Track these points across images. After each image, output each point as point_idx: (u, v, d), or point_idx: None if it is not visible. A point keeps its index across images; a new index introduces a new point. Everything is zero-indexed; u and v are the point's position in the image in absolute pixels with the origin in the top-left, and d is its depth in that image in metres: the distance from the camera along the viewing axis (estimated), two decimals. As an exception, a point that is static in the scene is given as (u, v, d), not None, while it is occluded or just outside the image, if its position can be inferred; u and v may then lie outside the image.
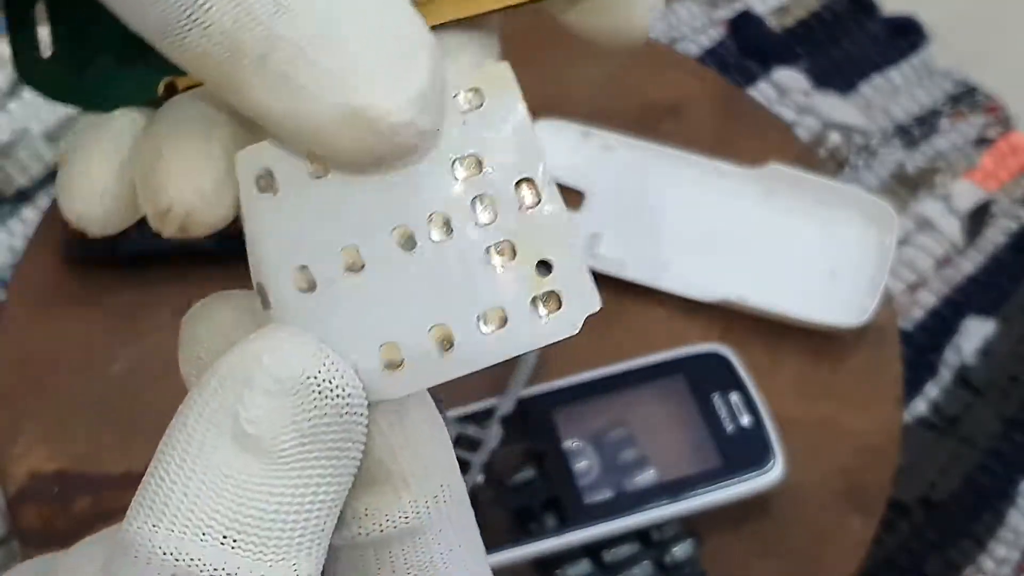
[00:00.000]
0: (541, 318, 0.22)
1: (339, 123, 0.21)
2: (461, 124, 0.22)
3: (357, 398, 0.22)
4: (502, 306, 0.22)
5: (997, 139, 0.73)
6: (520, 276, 0.22)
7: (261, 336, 0.22)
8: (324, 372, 0.22)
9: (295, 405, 0.22)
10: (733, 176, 0.66)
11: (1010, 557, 0.60)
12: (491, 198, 0.22)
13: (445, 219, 0.22)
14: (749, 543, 0.57)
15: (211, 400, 0.22)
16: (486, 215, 0.22)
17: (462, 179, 0.22)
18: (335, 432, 0.22)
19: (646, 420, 0.58)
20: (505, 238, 0.22)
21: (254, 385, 0.22)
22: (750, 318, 0.62)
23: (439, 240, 0.22)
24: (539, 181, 0.22)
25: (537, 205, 0.22)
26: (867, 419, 0.61)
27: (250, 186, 0.23)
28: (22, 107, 0.70)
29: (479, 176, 0.22)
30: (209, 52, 0.21)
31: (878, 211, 0.65)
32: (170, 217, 0.23)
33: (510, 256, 0.22)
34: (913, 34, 0.77)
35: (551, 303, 0.22)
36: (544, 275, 0.22)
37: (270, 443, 0.22)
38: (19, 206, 0.67)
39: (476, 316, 0.22)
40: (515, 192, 0.22)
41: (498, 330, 0.22)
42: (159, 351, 0.62)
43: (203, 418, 0.22)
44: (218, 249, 0.63)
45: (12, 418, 0.59)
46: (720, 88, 0.71)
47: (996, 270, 0.68)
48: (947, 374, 0.65)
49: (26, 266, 0.63)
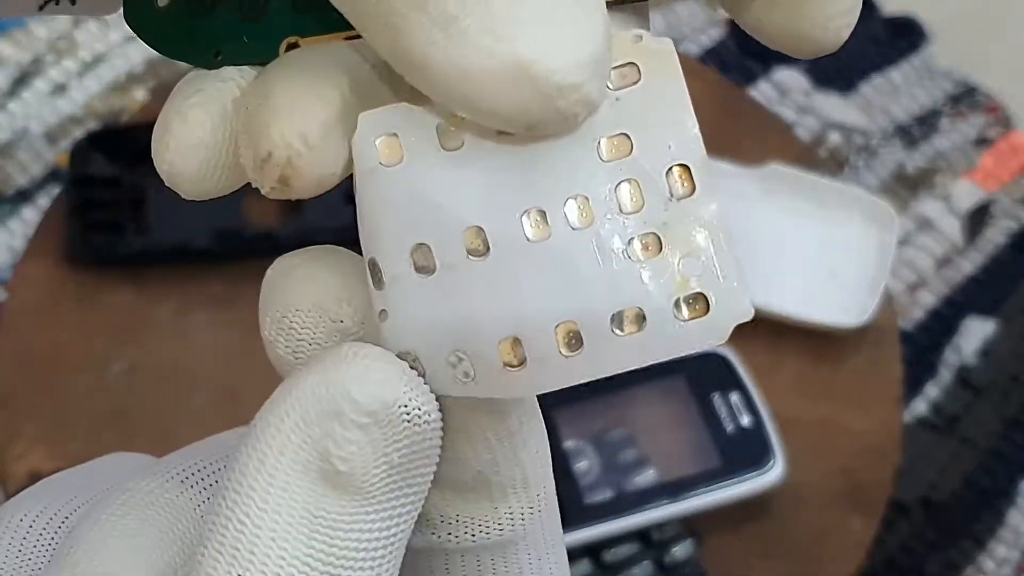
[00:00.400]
0: (684, 323, 0.20)
1: (500, 76, 0.19)
2: (614, 100, 0.20)
3: (438, 421, 0.21)
4: (640, 306, 0.20)
5: (997, 139, 0.73)
6: (664, 274, 0.20)
7: (342, 362, 0.20)
8: (412, 399, 0.20)
9: (386, 437, 0.20)
10: (733, 176, 0.66)
11: (1010, 557, 0.60)
12: (639, 184, 0.20)
13: (585, 204, 0.20)
14: (749, 543, 0.57)
15: (293, 436, 0.20)
16: (632, 203, 0.20)
17: (608, 161, 0.20)
18: (420, 459, 0.21)
19: (646, 420, 0.58)
20: (651, 230, 0.20)
21: (344, 419, 0.20)
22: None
23: (577, 227, 0.20)
24: (696, 170, 0.20)
25: (691, 196, 0.20)
26: (867, 419, 0.61)
27: (371, 151, 0.20)
28: (22, 107, 0.70)
29: (628, 159, 0.20)
30: None
31: (878, 211, 0.65)
32: (269, 166, 0.21)
33: (655, 251, 0.20)
34: (913, 34, 0.77)
35: (698, 307, 0.20)
36: (691, 274, 0.20)
37: (362, 479, 0.20)
38: (19, 206, 0.67)
39: (610, 315, 0.20)
40: (666, 180, 0.20)
41: (634, 333, 0.20)
42: (159, 351, 0.62)
43: (286, 456, 0.20)
44: (218, 249, 0.63)
45: (12, 418, 0.59)
46: (720, 88, 0.71)
47: (996, 270, 0.68)
48: (947, 374, 0.65)
49: (26, 266, 0.63)
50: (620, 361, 0.20)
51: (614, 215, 0.20)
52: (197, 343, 0.61)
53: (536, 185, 0.20)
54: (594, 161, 0.20)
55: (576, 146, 0.20)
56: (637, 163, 0.20)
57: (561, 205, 0.20)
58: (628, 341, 0.20)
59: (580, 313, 0.20)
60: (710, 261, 0.20)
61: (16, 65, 0.71)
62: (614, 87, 0.20)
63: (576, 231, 0.20)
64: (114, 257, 0.63)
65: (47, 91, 0.71)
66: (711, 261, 0.20)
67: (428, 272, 0.20)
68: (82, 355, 0.61)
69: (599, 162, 0.20)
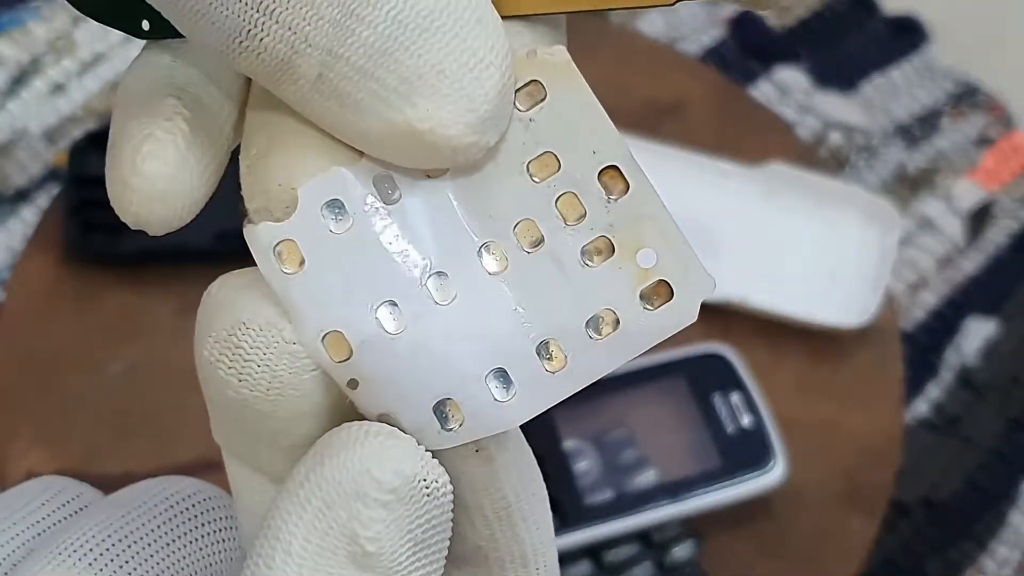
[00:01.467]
0: (654, 311, 0.21)
1: (400, 140, 0.20)
2: (528, 122, 0.21)
3: (451, 491, 0.21)
4: (610, 307, 0.21)
5: (998, 139, 0.73)
6: (623, 271, 0.20)
7: (356, 443, 0.20)
8: (429, 472, 0.20)
9: (409, 513, 0.20)
10: (734, 176, 0.66)
11: (1011, 558, 0.60)
12: (576, 195, 0.21)
13: (532, 226, 0.21)
14: (750, 544, 0.57)
15: (318, 522, 0.20)
16: (574, 214, 0.21)
17: (541, 182, 0.21)
18: (438, 533, 0.21)
19: (646, 420, 0.58)
20: (599, 234, 0.21)
21: (368, 500, 0.20)
22: (751, 318, 0.62)
23: (531, 250, 0.21)
24: (624, 167, 0.21)
25: (627, 193, 0.21)
26: (868, 419, 0.61)
27: (318, 221, 0.21)
28: (22, 107, 0.70)
29: (558, 174, 0.21)
30: (263, 73, 0.20)
31: (879, 211, 0.65)
32: None
33: (608, 252, 0.21)
34: (914, 33, 0.76)
35: (661, 294, 0.21)
36: (648, 265, 0.20)
37: (390, 558, 0.20)
38: (18, 206, 0.67)
39: (584, 324, 0.21)
40: (600, 184, 0.21)
41: (611, 334, 0.21)
42: (159, 351, 0.62)
43: (312, 543, 0.20)
44: (218, 249, 0.63)
45: (11, 418, 0.59)
46: (721, 87, 0.71)
47: (997, 270, 0.68)
48: (948, 374, 0.65)
49: (26, 266, 0.63)
50: (605, 364, 0.21)
51: (561, 230, 0.21)
52: (196, 343, 0.61)
53: (481, 221, 0.21)
54: (528, 185, 0.21)
55: (507, 176, 0.21)
56: (568, 176, 0.21)
57: (511, 233, 0.21)
58: (608, 343, 0.21)
59: (556, 330, 0.21)
60: (662, 248, 0.20)
61: (15, 65, 0.71)
62: (524, 108, 0.21)
63: (531, 254, 0.21)
64: (113, 257, 0.63)
65: (46, 91, 0.71)
66: (663, 248, 0.20)
67: (397, 328, 0.21)
68: (81, 355, 0.61)
69: (533, 185, 0.21)
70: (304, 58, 0.19)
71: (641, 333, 0.21)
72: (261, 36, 0.19)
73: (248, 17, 0.19)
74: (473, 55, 0.20)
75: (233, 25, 0.19)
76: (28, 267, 0.63)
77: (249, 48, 0.19)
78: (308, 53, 0.19)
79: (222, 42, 0.19)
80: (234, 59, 0.20)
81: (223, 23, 0.19)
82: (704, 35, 0.76)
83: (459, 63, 0.19)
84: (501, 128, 0.20)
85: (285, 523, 0.20)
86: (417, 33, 0.19)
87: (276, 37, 0.19)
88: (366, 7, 0.19)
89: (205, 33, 0.19)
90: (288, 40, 0.19)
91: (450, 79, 0.19)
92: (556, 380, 0.21)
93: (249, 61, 0.20)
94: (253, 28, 0.19)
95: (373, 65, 0.19)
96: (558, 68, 0.21)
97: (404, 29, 0.19)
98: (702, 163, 0.66)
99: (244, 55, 0.19)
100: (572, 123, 0.21)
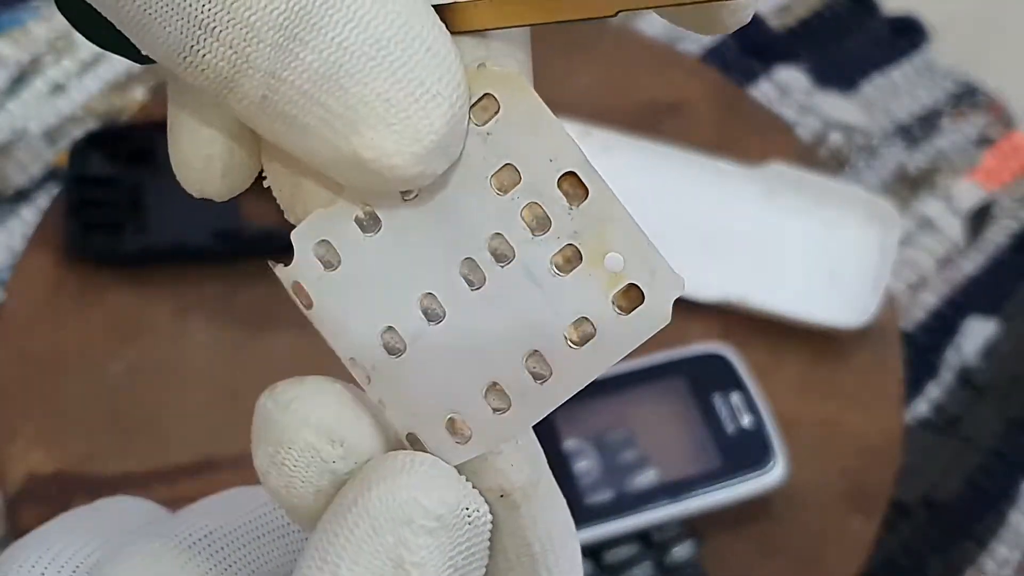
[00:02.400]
0: (628, 316, 0.21)
1: (348, 166, 0.20)
2: (486, 136, 0.21)
3: (489, 519, 0.22)
4: (584, 314, 0.21)
5: (998, 139, 0.73)
6: (593, 278, 0.21)
7: (404, 472, 0.21)
8: (471, 501, 0.21)
9: (451, 540, 0.21)
10: (734, 176, 0.66)
11: (1011, 558, 0.60)
12: (539, 204, 0.21)
13: (502, 240, 0.21)
14: (750, 544, 0.57)
15: (365, 546, 0.21)
16: (539, 224, 0.21)
17: (504, 193, 0.21)
18: (477, 560, 0.22)
19: (646, 420, 0.58)
20: (566, 242, 0.21)
21: (415, 526, 0.21)
22: (751, 318, 0.62)
23: (503, 264, 0.21)
24: (582, 172, 0.21)
25: (586, 198, 0.21)
26: (868, 419, 0.61)
27: (311, 263, 0.22)
28: (22, 107, 0.70)
29: (520, 185, 0.21)
30: (210, 88, 0.20)
31: (879, 211, 0.65)
32: None
33: (577, 261, 0.21)
34: (914, 33, 0.76)
35: (633, 298, 0.21)
36: (616, 269, 0.21)
37: None
38: (18, 206, 0.67)
39: (563, 333, 0.21)
40: (560, 191, 0.21)
41: (589, 341, 0.21)
42: (159, 351, 0.62)
43: (359, 566, 0.21)
44: (217, 249, 0.63)
45: (11, 418, 0.59)
46: (721, 87, 0.71)
47: (997, 270, 0.68)
48: (948, 374, 0.65)
49: (26, 266, 0.63)
50: (587, 371, 0.21)
51: (529, 241, 0.21)
52: (196, 343, 0.61)
53: (456, 239, 0.21)
54: (492, 199, 0.21)
55: (473, 191, 0.21)
56: (529, 186, 0.21)
57: (484, 248, 0.21)
58: (587, 350, 0.21)
59: (538, 340, 0.21)
60: (628, 251, 0.21)
61: (15, 65, 0.71)
62: (480, 123, 0.21)
63: (505, 267, 0.21)
64: (113, 257, 0.63)
65: (46, 91, 0.71)
66: (629, 251, 0.21)
67: (400, 352, 0.22)
68: (81, 355, 0.61)
69: (497, 198, 0.21)
70: (247, 78, 0.19)
71: (618, 338, 0.21)
72: (204, 53, 0.19)
73: (190, 33, 0.19)
74: (420, 84, 0.19)
75: (176, 41, 0.19)
76: (28, 267, 0.63)
77: (192, 64, 0.19)
78: (250, 73, 0.19)
79: (168, 56, 0.20)
80: (180, 72, 0.20)
81: (166, 38, 0.19)
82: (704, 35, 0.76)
83: (405, 92, 0.19)
84: (452, 156, 0.20)
85: (332, 545, 0.21)
86: (364, 60, 0.19)
87: (218, 55, 0.19)
88: (309, 32, 0.19)
89: (152, 48, 0.20)
90: (230, 59, 0.19)
91: (396, 109, 0.19)
92: (544, 391, 0.21)
93: (195, 76, 0.20)
94: (195, 44, 0.19)
95: (318, 90, 0.19)
96: (508, 80, 0.21)
97: (350, 56, 0.19)
98: (702, 163, 0.66)
99: (189, 70, 0.20)
100: (526, 133, 0.21)
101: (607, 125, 0.67)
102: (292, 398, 0.22)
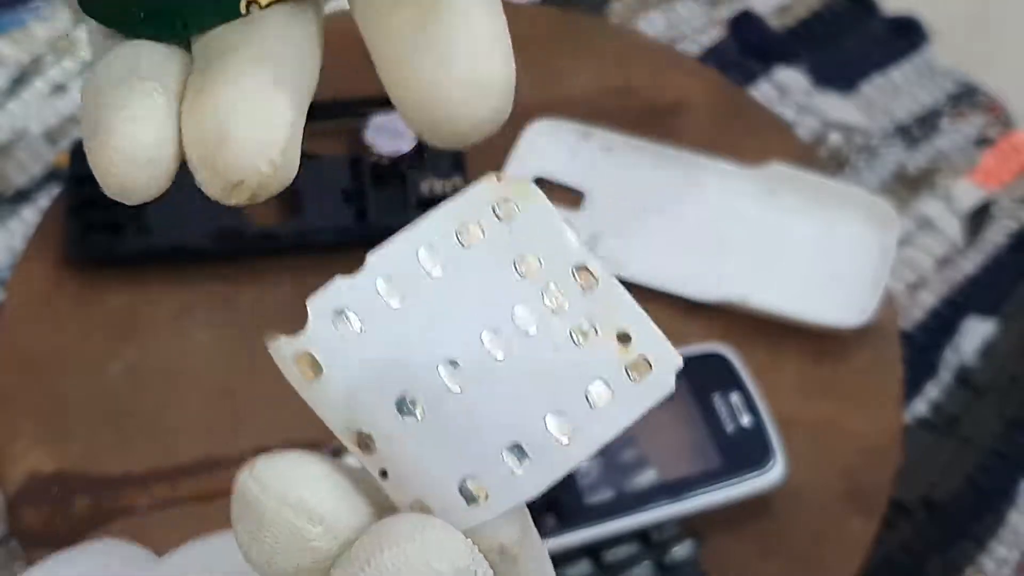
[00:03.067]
0: (639, 383, 0.24)
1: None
2: (510, 231, 0.23)
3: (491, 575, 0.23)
4: (604, 380, 0.23)
5: (998, 139, 0.73)
6: (609, 349, 0.24)
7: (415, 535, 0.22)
8: (479, 566, 0.22)
9: None
10: (733, 176, 0.66)
11: (1011, 557, 0.60)
12: (557, 286, 0.24)
13: (526, 312, 0.23)
14: (749, 544, 0.57)
15: None
16: (558, 303, 0.24)
17: (526, 276, 0.23)
18: None
19: (646, 420, 0.57)
20: (583, 320, 0.24)
21: None
22: (751, 318, 0.62)
23: (532, 334, 0.23)
24: (591, 266, 0.24)
25: (598, 286, 0.24)
26: (868, 419, 0.61)
27: (330, 332, 0.23)
28: (22, 107, 0.70)
29: (541, 271, 0.24)
30: None
31: (879, 211, 0.65)
32: (240, 190, 0.23)
33: (593, 335, 0.24)
34: (914, 33, 0.76)
35: (642, 369, 0.24)
36: (627, 344, 0.24)
37: None
38: (18, 206, 0.67)
39: (583, 396, 0.23)
40: (576, 279, 0.24)
41: (606, 404, 0.23)
42: (159, 351, 0.62)
43: None
44: (217, 249, 0.63)
45: (10, 418, 0.59)
46: (720, 88, 0.71)
47: (997, 270, 0.68)
48: (947, 374, 0.65)
49: (26, 266, 0.63)
50: (605, 432, 0.23)
51: (551, 315, 0.23)
52: (196, 343, 0.61)
53: (481, 310, 0.23)
54: (516, 278, 0.23)
55: (499, 271, 0.23)
56: (549, 272, 0.24)
57: (510, 320, 0.23)
58: (605, 411, 0.23)
59: (560, 403, 0.23)
60: (636, 330, 0.24)
61: (15, 64, 0.71)
62: (504, 219, 0.24)
63: (531, 336, 0.23)
64: (113, 257, 0.63)
65: (47, 91, 0.71)
66: (637, 330, 0.24)
67: (417, 419, 0.23)
68: (81, 355, 0.61)
69: (520, 278, 0.23)
70: None
71: (631, 402, 0.24)
72: None
73: None
74: None
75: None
76: (28, 267, 0.63)
77: None
78: None
79: None
80: None
81: None
82: (704, 35, 0.76)
83: None
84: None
85: None
86: None
87: None
88: None
89: None
90: None
91: None
92: (565, 450, 0.23)
93: None
94: None
95: None
96: (524, 189, 0.24)
97: None
98: (701, 163, 0.66)
99: None
100: (542, 232, 0.24)
101: (607, 125, 0.67)
102: (271, 476, 0.22)
